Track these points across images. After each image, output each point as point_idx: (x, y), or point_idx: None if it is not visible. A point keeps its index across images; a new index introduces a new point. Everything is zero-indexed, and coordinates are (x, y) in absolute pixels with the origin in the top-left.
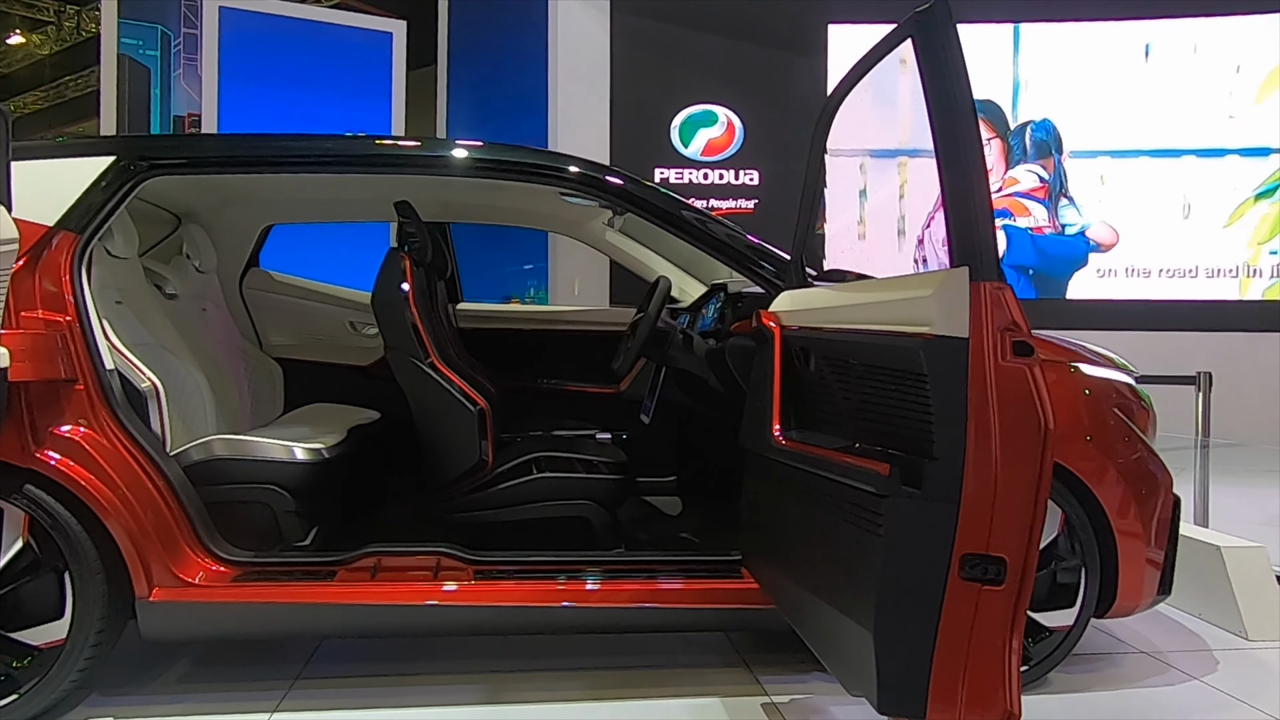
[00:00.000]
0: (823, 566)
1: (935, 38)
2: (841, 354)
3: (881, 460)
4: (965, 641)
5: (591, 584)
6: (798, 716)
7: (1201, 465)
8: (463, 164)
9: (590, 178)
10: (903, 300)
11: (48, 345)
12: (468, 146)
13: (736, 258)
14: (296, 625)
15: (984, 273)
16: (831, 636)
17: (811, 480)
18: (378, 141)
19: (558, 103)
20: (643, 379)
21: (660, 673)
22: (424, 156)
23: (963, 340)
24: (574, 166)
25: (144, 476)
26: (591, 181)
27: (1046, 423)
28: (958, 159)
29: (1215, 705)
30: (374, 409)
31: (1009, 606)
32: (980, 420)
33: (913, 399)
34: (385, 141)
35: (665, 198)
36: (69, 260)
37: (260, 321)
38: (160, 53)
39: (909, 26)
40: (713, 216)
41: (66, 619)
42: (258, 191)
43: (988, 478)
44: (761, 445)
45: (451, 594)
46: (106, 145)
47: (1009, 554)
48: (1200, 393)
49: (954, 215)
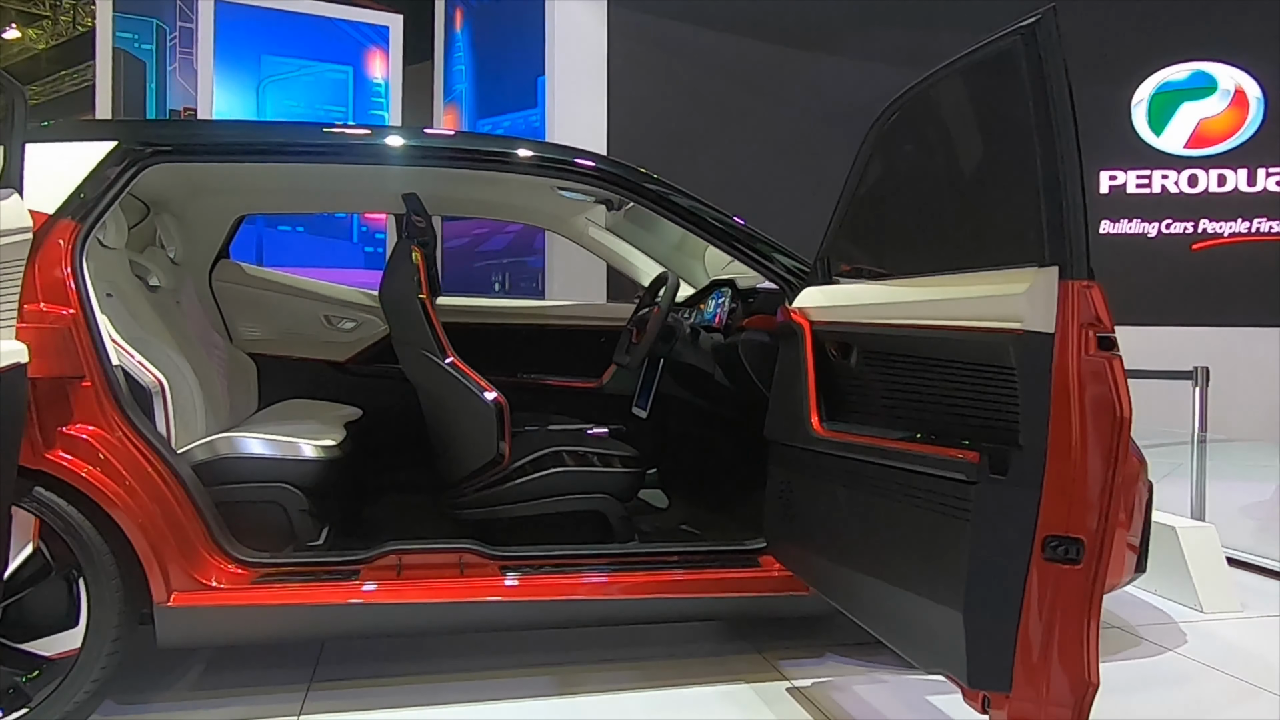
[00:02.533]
0: (891, 552)
1: (1044, 47)
2: (902, 348)
3: (966, 449)
4: (1047, 617)
5: (615, 576)
6: (824, 697)
7: (1199, 461)
8: (472, 157)
9: (605, 171)
10: (991, 297)
11: (55, 340)
12: (476, 139)
13: (751, 253)
14: (322, 627)
15: (1074, 271)
16: (902, 617)
17: (871, 469)
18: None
19: (555, 97)
20: (623, 374)
21: (683, 663)
22: (438, 149)
23: (1049, 335)
24: (589, 160)
25: (157, 478)
26: (602, 175)
27: (1123, 412)
28: (1055, 165)
29: (1197, 674)
30: (352, 405)
31: (1087, 583)
32: (1062, 410)
33: (998, 391)
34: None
35: (678, 191)
36: (70, 250)
37: (230, 315)
38: (156, 47)
39: (1016, 33)
40: (721, 211)
41: (81, 627)
42: (232, 180)
43: (1068, 463)
44: (797, 437)
45: (479, 590)
46: (107, 130)
47: (1086, 534)
48: (1197, 387)
49: (1048, 215)
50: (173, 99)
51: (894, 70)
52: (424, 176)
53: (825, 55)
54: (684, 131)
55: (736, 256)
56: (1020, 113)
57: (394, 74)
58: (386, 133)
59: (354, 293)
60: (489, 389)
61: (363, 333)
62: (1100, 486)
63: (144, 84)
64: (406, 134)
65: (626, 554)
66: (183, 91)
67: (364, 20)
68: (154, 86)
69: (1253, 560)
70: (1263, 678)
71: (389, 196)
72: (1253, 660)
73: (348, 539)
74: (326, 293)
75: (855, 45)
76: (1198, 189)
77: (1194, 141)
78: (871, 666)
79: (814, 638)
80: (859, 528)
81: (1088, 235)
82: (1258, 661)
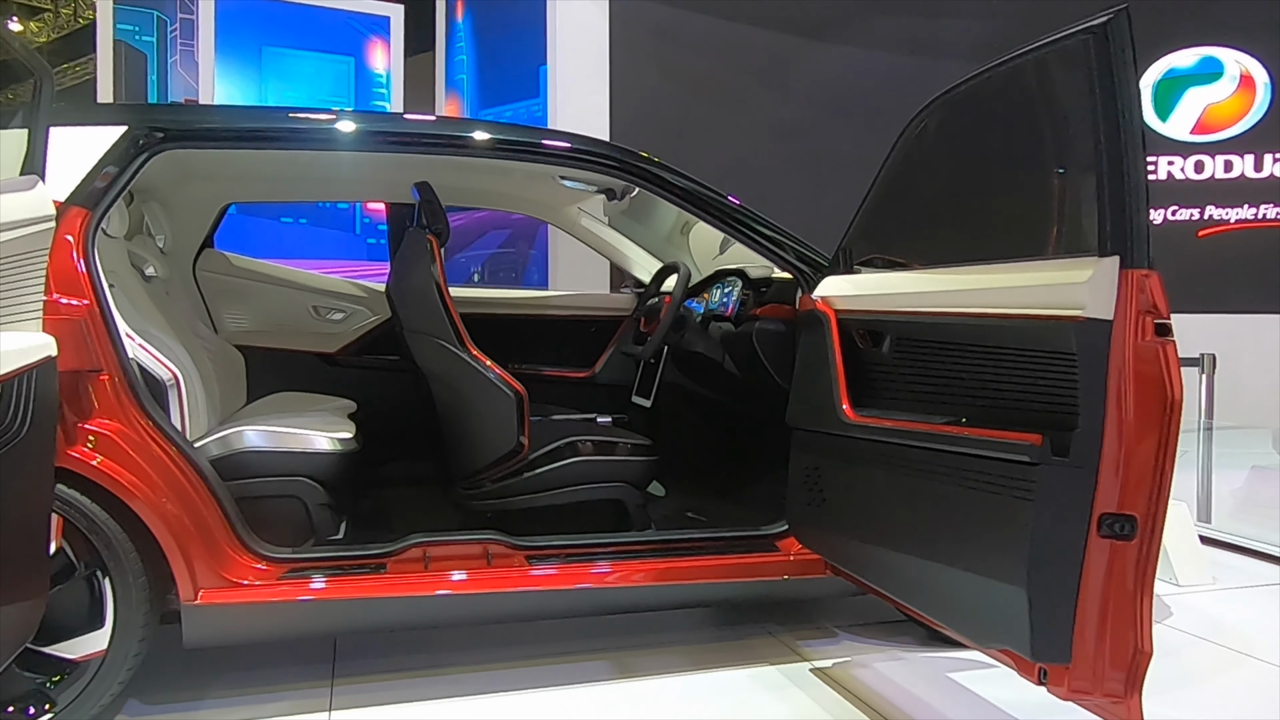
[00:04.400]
0: (945, 532)
1: (1117, 45)
2: (949, 335)
3: (1028, 432)
4: (1103, 591)
5: (639, 564)
6: (848, 677)
7: (1205, 448)
8: (485, 145)
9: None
10: (1053, 285)
11: (71, 333)
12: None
13: (766, 244)
14: (353, 622)
15: (1134, 261)
16: (957, 596)
17: (919, 453)
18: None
19: (557, 87)
20: (614, 364)
21: (703, 649)
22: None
23: (1108, 322)
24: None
25: (179, 474)
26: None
27: (1174, 395)
28: (1120, 160)
29: (1188, 644)
30: (343, 397)
31: (1140, 558)
32: (1117, 393)
33: (1056, 376)
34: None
35: (692, 181)
36: (83, 239)
37: (215, 306)
38: (157, 38)
39: (1088, 31)
40: (733, 201)
41: (107, 628)
42: (222, 167)
43: (1121, 444)
44: (826, 423)
45: (509, 581)
46: (117, 114)
47: (1138, 511)
48: (1204, 374)
49: (1111, 208)
50: (174, 91)
51: (896, 58)
52: (431, 166)
53: (828, 43)
54: (686, 120)
55: (753, 247)
56: (1087, 108)
57: (395, 64)
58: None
59: (342, 283)
60: (510, 380)
61: (351, 324)
62: (1152, 466)
63: (145, 76)
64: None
65: (648, 541)
66: (184, 83)
67: (365, 11)
68: (155, 79)
69: (1215, 536)
70: (1245, 645)
71: (384, 184)
72: (1231, 630)
73: (362, 532)
74: (314, 283)
75: (858, 33)
76: (1204, 175)
77: (1200, 128)
78: (886, 645)
79: (824, 620)
80: (905, 510)
81: (1149, 227)
82: (1234, 630)
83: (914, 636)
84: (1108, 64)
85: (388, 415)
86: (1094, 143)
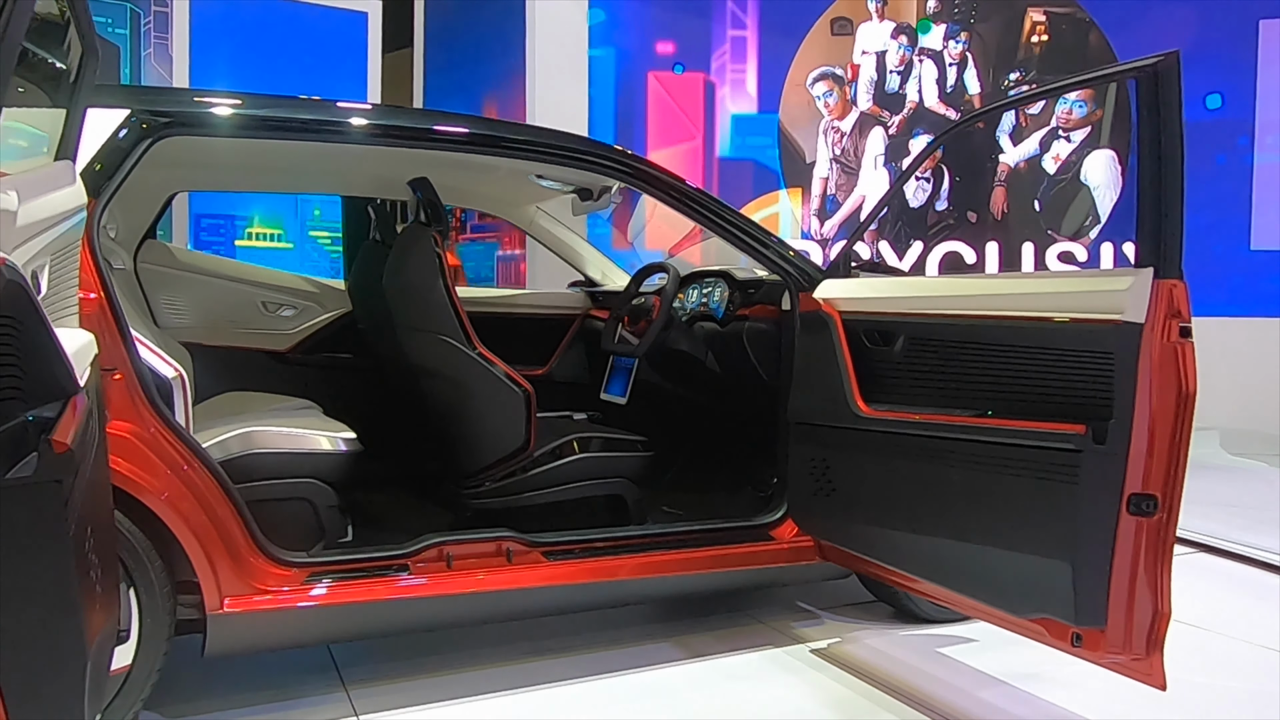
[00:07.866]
0: (981, 515)
1: (1163, 84)
2: (975, 336)
3: (1071, 423)
4: (1132, 562)
5: (647, 556)
6: (847, 655)
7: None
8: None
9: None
10: (1096, 292)
11: (91, 329)
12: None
13: (759, 246)
14: (378, 624)
15: (1166, 273)
16: (994, 572)
17: (943, 443)
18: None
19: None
20: (568, 361)
21: (702, 637)
22: None
23: (1139, 325)
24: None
25: (196, 477)
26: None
27: (1188, 388)
28: (1159, 187)
29: (1180, 631)
30: (296, 396)
31: (1161, 531)
32: (1145, 386)
33: (1095, 371)
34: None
35: (683, 182)
36: (90, 228)
37: (155, 300)
38: (130, 31)
39: (1136, 70)
40: (724, 204)
41: (132, 641)
42: (169, 153)
43: (1145, 431)
44: (836, 417)
45: (530, 578)
46: (118, 97)
47: (1159, 491)
48: None
49: (1150, 228)
50: (148, 84)
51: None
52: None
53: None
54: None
55: (742, 248)
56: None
57: (373, 61)
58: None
59: (293, 278)
60: (518, 378)
61: (303, 320)
62: (1170, 449)
63: (118, 69)
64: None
65: (656, 534)
66: (158, 77)
67: (342, 6)
68: (128, 71)
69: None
70: (1207, 621)
71: (352, 177)
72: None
73: (360, 533)
74: (262, 278)
75: None
76: None
77: None
78: (864, 624)
79: (802, 604)
80: (930, 496)
81: (1182, 245)
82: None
83: (883, 614)
84: (1154, 100)
85: (343, 414)
86: (1136, 167)
